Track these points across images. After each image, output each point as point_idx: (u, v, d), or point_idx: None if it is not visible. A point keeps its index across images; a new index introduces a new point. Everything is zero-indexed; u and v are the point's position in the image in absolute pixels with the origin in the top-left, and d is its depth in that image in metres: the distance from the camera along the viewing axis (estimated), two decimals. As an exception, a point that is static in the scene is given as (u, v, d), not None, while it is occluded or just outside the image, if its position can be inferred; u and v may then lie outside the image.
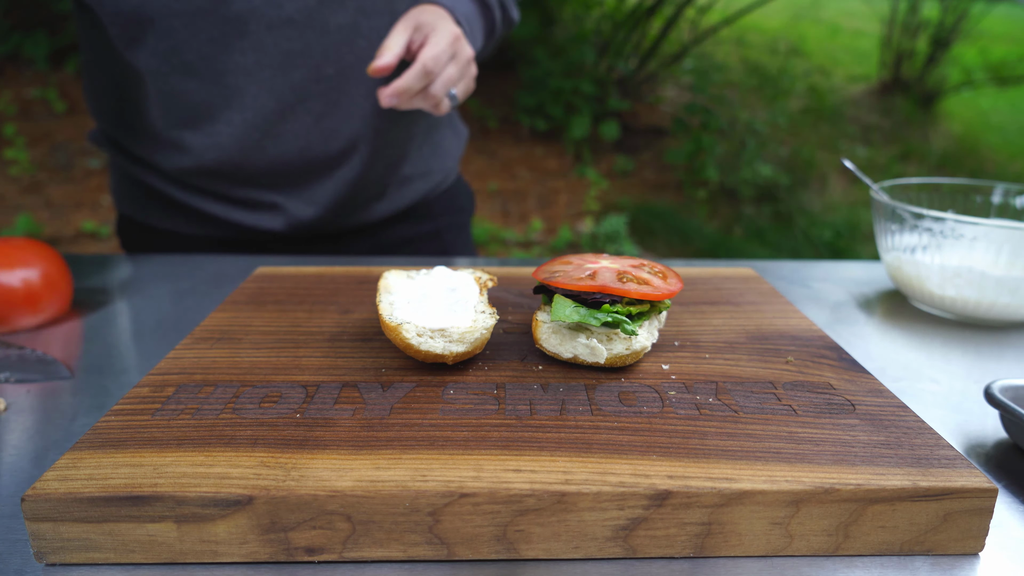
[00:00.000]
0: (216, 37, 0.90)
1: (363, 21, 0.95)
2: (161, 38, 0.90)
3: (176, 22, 0.89)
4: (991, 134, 6.02)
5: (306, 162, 1.01)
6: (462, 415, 0.51)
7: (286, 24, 0.91)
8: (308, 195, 1.04)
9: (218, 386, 0.55)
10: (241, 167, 1.00)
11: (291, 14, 0.91)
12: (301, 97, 0.96)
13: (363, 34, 0.95)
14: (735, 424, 0.50)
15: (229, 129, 0.97)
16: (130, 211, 1.13)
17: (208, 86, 0.94)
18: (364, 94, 0.99)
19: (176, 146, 0.99)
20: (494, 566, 0.44)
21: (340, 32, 0.94)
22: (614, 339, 0.58)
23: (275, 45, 0.92)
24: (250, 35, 0.91)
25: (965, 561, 0.45)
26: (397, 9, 0.95)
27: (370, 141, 1.03)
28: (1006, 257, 0.80)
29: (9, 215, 3.63)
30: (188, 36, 0.90)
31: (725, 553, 0.45)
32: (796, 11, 7.57)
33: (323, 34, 0.93)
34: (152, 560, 0.43)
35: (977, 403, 0.65)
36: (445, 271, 0.69)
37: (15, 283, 0.74)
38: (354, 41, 0.95)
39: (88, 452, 0.46)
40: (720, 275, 0.83)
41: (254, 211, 1.05)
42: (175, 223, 1.09)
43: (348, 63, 0.96)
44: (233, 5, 0.89)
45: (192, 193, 1.05)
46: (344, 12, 0.93)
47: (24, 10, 4.70)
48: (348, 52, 0.95)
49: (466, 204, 1.28)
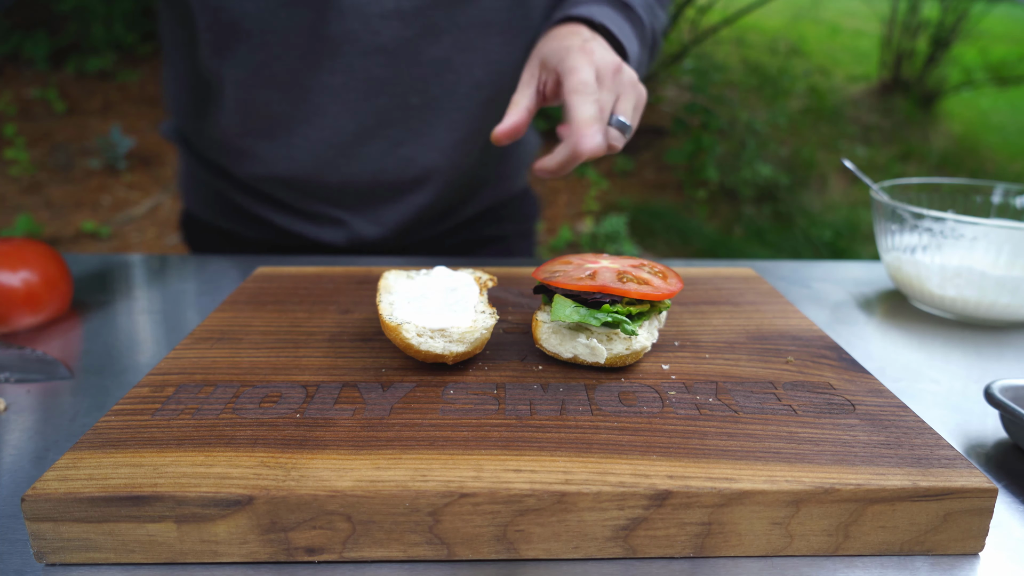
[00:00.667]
0: (308, 55, 0.90)
1: (456, 56, 0.93)
2: (254, 50, 0.89)
3: (272, 37, 0.88)
4: (991, 134, 6.02)
5: (377, 185, 1.00)
6: (462, 415, 0.51)
7: (379, 51, 0.90)
8: (374, 216, 1.03)
9: (218, 386, 0.55)
10: (311, 182, 1.00)
11: (386, 42, 0.90)
12: (382, 123, 0.95)
13: (455, 69, 0.93)
14: (735, 424, 0.50)
15: (305, 144, 0.96)
16: (195, 208, 1.14)
17: (290, 100, 0.93)
18: (446, 126, 0.97)
19: (247, 153, 0.99)
20: (494, 566, 0.44)
21: (432, 65, 0.92)
22: (614, 339, 0.58)
23: (365, 70, 0.91)
24: (342, 57, 0.90)
25: (965, 561, 0.45)
26: (491, 48, 0.93)
27: (445, 172, 1.01)
28: (1006, 257, 0.80)
29: (9, 215, 3.63)
30: (281, 51, 0.89)
31: (725, 553, 0.45)
32: (796, 11, 7.57)
33: (415, 65, 0.92)
34: (152, 560, 0.43)
35: (977, 403, 0.65)
36: (445, 271, 0.69)
37: (15, 283, 0.74)
38: (444, 75, 0.93)
39: (88, 452, 0.46)
40: (720, 275, 0.83)
41: (318, 224, 1.05)
42: (239, 225, 1.09)
43: (434, 95, 0.94)
44: (331, 26, 0.88)
45: (258, 200, 1.05)
46: (440, 46, 0.91)
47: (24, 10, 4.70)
48: (437, 85, 0.94)
49: (533, 210, 1.26)
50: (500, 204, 1.17)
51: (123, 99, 4.67)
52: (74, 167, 4.11)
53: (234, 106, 0.95)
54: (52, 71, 4.67)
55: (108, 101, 4.61)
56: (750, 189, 4.73)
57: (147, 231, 3.75)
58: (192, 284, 0.92)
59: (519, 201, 1.22)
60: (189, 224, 1.17)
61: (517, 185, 1.19)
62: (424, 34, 0.90)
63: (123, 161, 4.15)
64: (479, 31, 0.92)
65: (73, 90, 4.60)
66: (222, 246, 1.12)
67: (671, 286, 0.62)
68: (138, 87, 4.78)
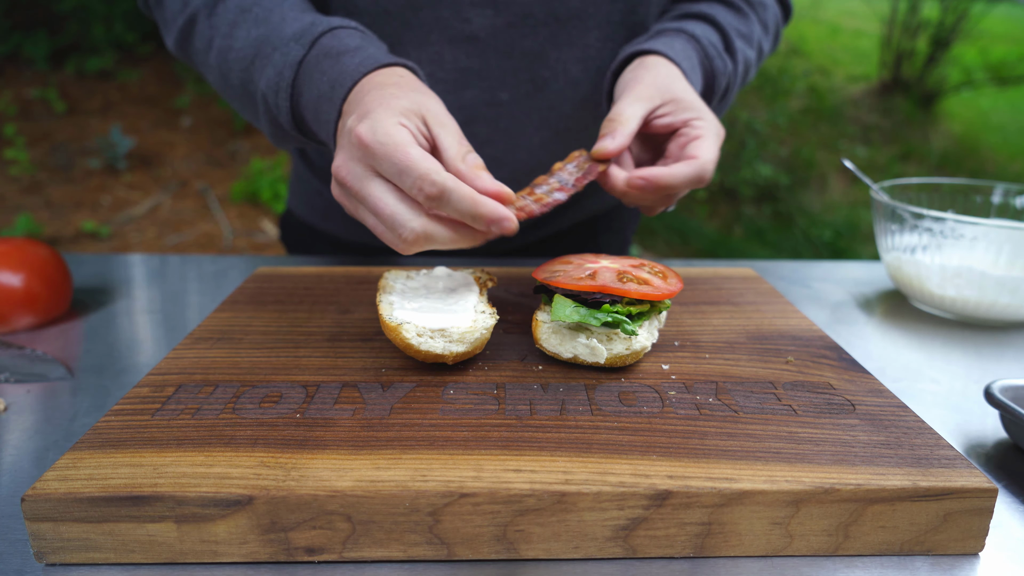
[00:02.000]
0: (395, 43, 0.85)
1: (551, 51, 0.86)
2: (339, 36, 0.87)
3: (359, 20, 0.83)
4: (991, 134, 6.02)
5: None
6: (462, 415, 0.51)
7: (469, 40, 0.85)
8: None
9: (218, 386, 0.55)
10: None
11: (476, 31, 0.84)
12: (468, 119, 0.90)
13: (548, 64, 0.88)
14: (735, 424, 0.50)
15: None
16: (297, 208, 1.12)
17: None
18: (536, 124, 0.91)
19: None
20: (494, 566, 0.44)
21: (524, 57, 0.86)
22: (614, 339, 0.58)
23: (453, 60, 0.86)
24: (430, 46, 0.85)
25: (965, 561, 0.45)
26: (590, 43, 0.88)
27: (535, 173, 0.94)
28: (1006, 257, 0.80)
29: (9, 215, 3.63)
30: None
31: (725, 553, 0.45)
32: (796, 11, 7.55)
33: (506, 57, 0.86)
34: (152, 560, 0.43)
35: (977, 403, 0.65)
36: (445, 271, 0.69)
37: (15, 283, 0.74)
38: (536, 70, 0.88)
39: (88, 452, 0.46)
40: (720, 275, 0.83)
41: None
42: (334, 225, 1.07)
43: (525, 91, 0.89)
44: (420, 12, 0.83)
45: None
46: (534, 38, 0.85)
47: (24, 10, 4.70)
48: (527, 80, 0.88)
49: (631, 220, 1.19)
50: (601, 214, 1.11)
51: (123, 99, 4.67)
52: (74, 167, 4.11)
53: None
54: (52, 71, 4.67)
55: (108, 101, 4.61)
56: (750, 189, 4.73)
57: (147, 231, 3.75)
58: (192, 284, 0.92)
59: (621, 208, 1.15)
60: (289, 224, 1.15)
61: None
62: (518, 24, 0.84)
63: (123, 161, 4.15)
64: (577, 24, 0.86)
65: (73, 90, 4.60)
66: (319, 247, 1.10)
67: (671, 286, 0.62)
68: (138, 87, 4.78)
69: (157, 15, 0.85)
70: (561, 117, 0.92)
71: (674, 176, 0.67)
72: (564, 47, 0.87)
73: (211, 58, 0.77)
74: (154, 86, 4.80)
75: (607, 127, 0.69)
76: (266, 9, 0.74)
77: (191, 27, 0.78)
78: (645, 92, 0.71)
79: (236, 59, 0.74)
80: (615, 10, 0.87)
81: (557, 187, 0.63)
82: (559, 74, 0.89)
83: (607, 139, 0.68)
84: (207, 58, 0.78)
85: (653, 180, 0.67)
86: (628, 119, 0.69)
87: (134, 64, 4.91)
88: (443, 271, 0.69)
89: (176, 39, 0.81)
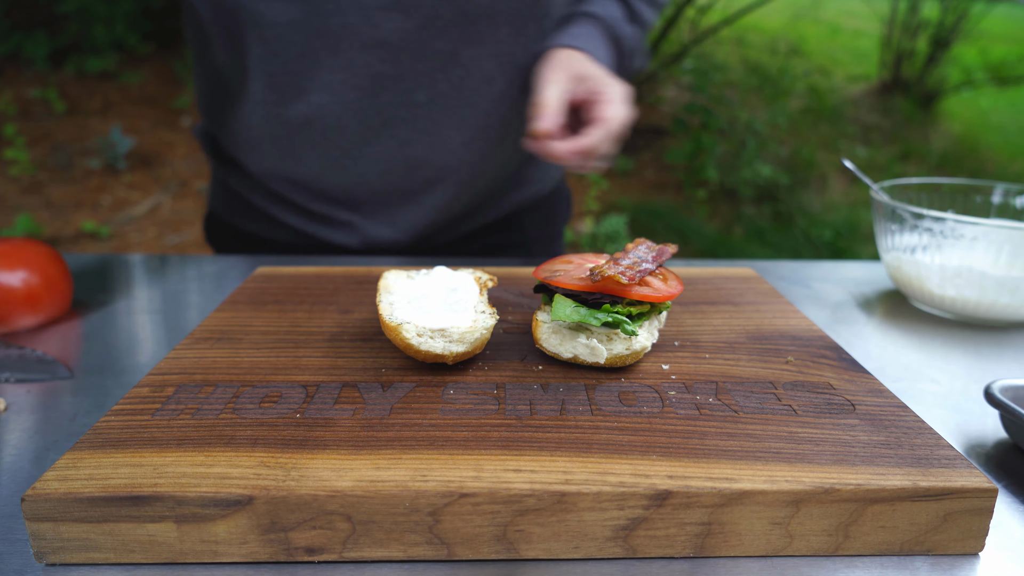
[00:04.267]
0: (307, 52, 0.87)
1: (464, 49, 0.89)
2: (254, 44, 0.87)
3: (269, 32, 0.86)
4: (991, 134, 6.02)
5: (387, 187, 0.97)
6: (462, 415, 0.51)
7: (380, 45, 0.87)
8: (387, 218, 1.00)
9: (218, 386, 0.55)
10: (319, 183, 0.97)
11: (387, 35, 0.86)
12: (387, 121, 0.92)
13: (461, 63, 0.90)
14: (735, 424, 0.50)
15: (309, 144, 0.94)
16: (218, 209, 1.13)
17: (292, 101, 0.91)
18: (456, 124, 0.93)
19: (257, 153, 0.97)
20: (494, 566, 0.44)
21: (437, 58, 0.89)
22: (614, 339, 0.58)
23: (366, 66, 0.88)
24: (342, 53, 0.87)
25: (965, 561, 0.45)
26: (501, 39, 0.90)
27: (457, 173, 0.97)
28: (1006, 257, 0.80)
29: (9, 215, 3.63)
30: (279, 48, 0.87)
31: (725, 553, 0.45)
32: (796, 11, 7.57)
33: (419, 59, 0.88)
34: (152, 560, 0.43)
35: (977, 403, 0.65)
36: (445, 271, 0.69)
37: (15, 283, 0.74)
38: (450, 70, 0.90)
39: (88, 452, 0.46)
40: (720, 275, 0.83)
41: (330, 227, 1.02)
42: (257, 227, 1.08)
43: (441, 91, 0.91)
44: (329, 20, 0.85)
45: (272, 201, 1.03)
46: (445, 39, 0.88)
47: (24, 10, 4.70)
48: (443, 80, 0.90)
49: (562, 212, 1.21)
50: (527, 207, 1.13)
51: (123, 99, 4.67)
52: (74, 167, 4.11)
53: (245, 103, 0.94)
54: (52, 71, 4.67)
55: (108, 101, 4.61)
56: (750, 189, 4.73)
57: (147, 231, 3.75)
58: (192, 284, 0.92)
59: (547, 203, 1.16)
60: (212, 225, 1.17)
61: (546, 186, 1.14)
62: (427, 26, 0.87)
63: (123, 161, 4.15)
64: (487, 22, 0.88)
65: (73, 90, 4.60)
66: (242, 247, 1.11)
67: (671, 288, 0.62)
68: (138, 87, 4.78)
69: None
70: (479, 115, 0.93)
71: (594, 139, 0.80)
72: (476, 45, 0.90)
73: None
74: (154, 86, 4.80)
75: (535, 112, 0.81)
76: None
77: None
78: (555, 77, 0.83)
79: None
80: (522, 5, 0.89)
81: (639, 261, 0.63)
82: (473, 72, 0.91)
83: (538, 121, 0.80)
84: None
85: (579, 148, 0.79)
86: (550, 102, 0.80)
87: (135, 64, 4.91)
88: (443, 271, 0.69)
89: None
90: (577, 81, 0.84)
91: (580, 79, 0.84)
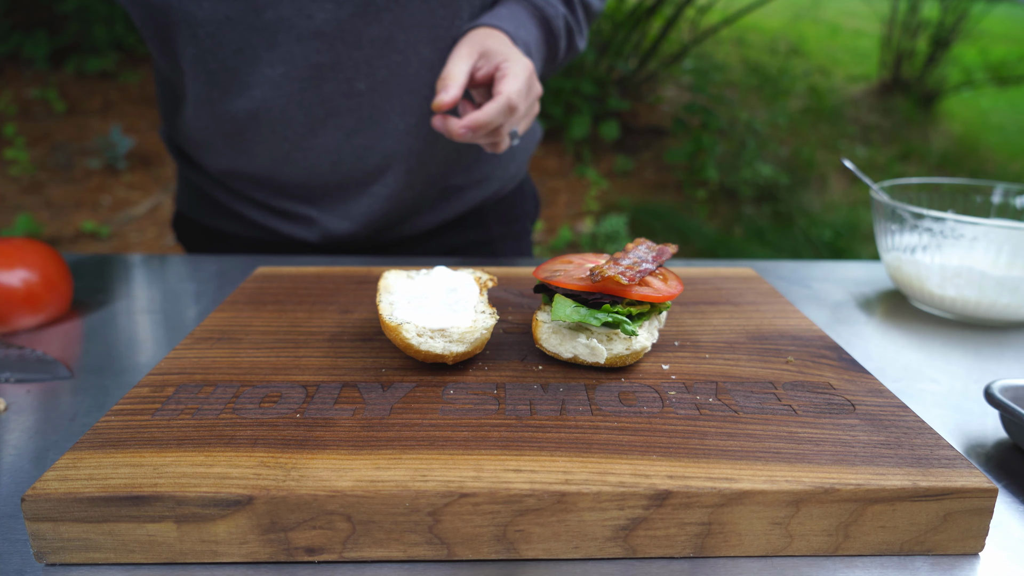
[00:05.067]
0: (244, 48, 0.87)
1: (400, 35, 0.89)
2: (189, 44, 0.87)
3: (202, 31, 0.86)
4: (991, 134, 6.02)
5: (339, 177, 0.97)
6: (462, 415, 0.51)
7: (316, 36, 0.87)
8: (342, 210, 1.01)
9: (218, 386, 0.55)
10: (273, 178, 0.98)
11: (321, 25, 0.86)
12: (331, 112, 0.92)
13: (399, 48, 0.90)
14: (735, 424, 0.50)
15: (257, 139, 0.94)
16: (184, 207, 1.14)
17: (234, 95, 0.91)
18: (399, 111, 0.93)
19: (211, 150, 0.98)
20: (494, 566, 0.44)
21: (374, 45, 0.89)
22: (614, 339, 0.58)
23: (304, 58, 0.88)
24: (279, 46, 0.87)
25: (965, 561, 0.45)
26: (436, 22, 0.90)
27: (405, 159, 0.97)
28: (1006, 257, 0.80)
29: (9, 215, 3.63)
30: (214, 45, 0.87)
31: (725, 553, 0.45)
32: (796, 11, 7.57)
33: (355, 47, 0.89)
34: (152, 560, 0.43)
35: (977, 403, 0.65)
36: (445, 271, 0.69)
37: (15, 283, 0.74)
38: (388, 56, 0.90)
39: (88, 452, 0.46)
40: (720, 275, 0.83)
41: (290, 221, 1.03)
42: (221, 223, 1.09)
43: (382, 78, 0.91)
44: (263, 14, 0.85)
45: (233, 196, 1.04)
46: (379, 25, 0.88)
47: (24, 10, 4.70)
48: (382, 67, 0.90)
49: (528, 210, 1.20)
50: (488, 205, 1.12)
51: (123, 99, 4.67)
52: (74, 167, 4.11)
53: (188, 103, 0.94)
54: (52, 71, 4.67)
55: (108, 101, 4.61)
56: (750, 189, 4.73)
57: (147, 231, 3.75)
58: (192, 284, 0.92)
59: (510, 201, 1.15)
60: (180, 223, 1.18)
61: (508, 183, 1.13)
62: (360, 13, 0.87)
63: (123, 161, 4.15)
64: (420, 5, 0.88)
65: (73, 90, 4.60)
66: (210, 244, 1.12)
67: (671, 288, 0.62)
68: (138, 87, 4.78)
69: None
70: (422, 100, 0.94)
71: (488, 114, 0.79)
72: (411, 29, 0.90)
73: None
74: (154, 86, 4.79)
75: (440, 85, 0.80)
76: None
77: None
78: (464, 52, 0.83)
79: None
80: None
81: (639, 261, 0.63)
82: (411, 58, 0.91)
83: (442, 94, 0.79)
84: None
85: (471, 123, 0.78)
86: (455, 75, 0.80)
87: (135, 64, 4.91)
88: (443, 271, 0.69)
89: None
90: (483, 57, 0.84)
91: (486, 55, 0.84)
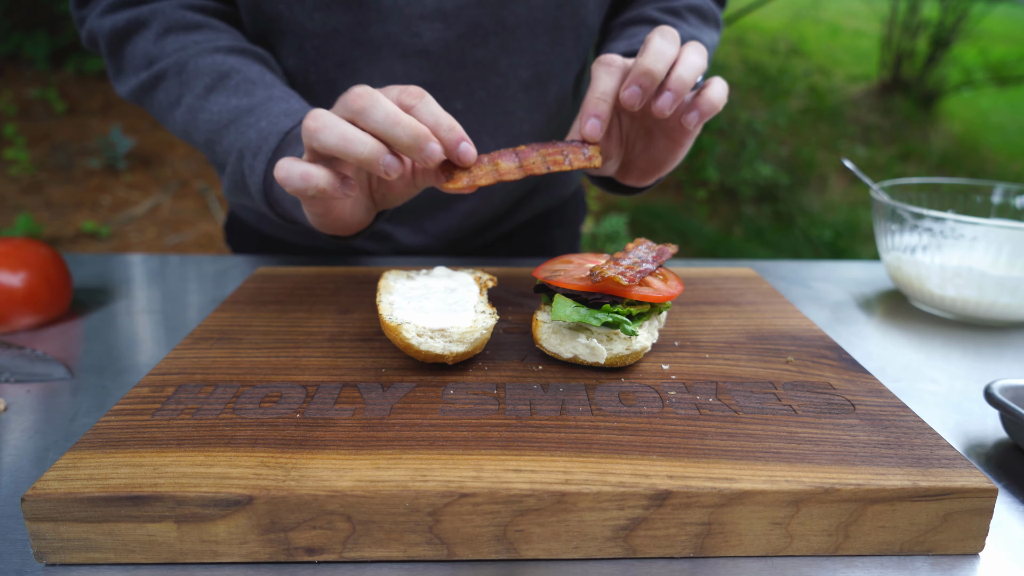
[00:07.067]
0: (345, 61, 0.87)
1: (503, 58, 0.89)
2: (291, 54, 0.87)
3: (309, 43, 0.86)
4: (991, 134, 6.02)
5: (426, 194, 0.96)
6: (462, 415, 0.51)
7: (420, 55, 0.87)
8: (418, 225, 1.01)
9: (218, 386, 0.55)
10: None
11: (428, 45, 0.86)
12: None
13: (500, 71, 0.90)
14: (735, 424, 0.50)
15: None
16: (240, 211, 1.12)
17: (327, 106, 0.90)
18: (490, 130, 0.93)
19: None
20: (494, 566, 0.44)
21: (476, 67, 0.89)
22: (614, 339, 0.58)
23: (406, 75, 0.88)
24: (381, 62, 0.87)
25: (965, 561, 0.45)
26: (538, 48, 0.90)
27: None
28: (1006, 257, 0.80)
29: (9, 215, 3.63)
30: (318, 57, 0.87)
31: (725, 553, 0.45)
32: (796, 11, 7.57)
33: (458, 68, 0.88)
34: (152, 560, 0.43)
35: (977, 403, 0.65)
36: (445, 271, 0.69)
37: (15, 283, 0.74)
38: (488, 78, 0.90)
39: (88, 452, 0.46)
40: (720, 275, 0.83)
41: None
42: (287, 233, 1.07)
43: (479, 99, 0.91)
44: (370, 29, 0.84)
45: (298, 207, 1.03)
46: (485, 48, 0.88)
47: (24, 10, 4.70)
48: (480, 88, 0.91)
49: (580, 211, 1.23)
50: (551, 210, 1.15)
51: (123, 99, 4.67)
52: (74, 167, 4.11)
53: None
54: (52, 71, 4.67)
55: (108, 101, 4.61)
56: (750, 189, 4.73)
57: (147, 231, 3.75)
58: (192, 284, 0.92)
59: (569, 205, 1.18)
60: (233, 227, 1.16)
61: (569, 188, 1.15)
62: (468, 35, 0.87)
63: (123, 161, 4.15)
64: (526, 31, 0.89)
65: (73, 90, 4.60)
66: (263, 250, 1.11)
67: (671, 288, 0.62)
68: (138, 87, 4.77)
69: (110, 60, 0.86)
70: (515, 122, 0.94)
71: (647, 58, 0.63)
72: (514, 54, 0.90)
73: (177, 113, 0.81)
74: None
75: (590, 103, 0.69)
76: (249, 81, 0.78)
77: (157, 82, 0.81)
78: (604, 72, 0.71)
79: (208, 120, 0.78)
80: (562, 14, 0.90)
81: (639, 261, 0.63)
82: (511, 81, 0.91)
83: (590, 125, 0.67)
84: (172, 112, 0.81)
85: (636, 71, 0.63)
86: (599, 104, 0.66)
87: (134, 64, 4.90)
88: (443, 271, 0.69)
89: (135, 88, 0.83)
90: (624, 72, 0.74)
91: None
